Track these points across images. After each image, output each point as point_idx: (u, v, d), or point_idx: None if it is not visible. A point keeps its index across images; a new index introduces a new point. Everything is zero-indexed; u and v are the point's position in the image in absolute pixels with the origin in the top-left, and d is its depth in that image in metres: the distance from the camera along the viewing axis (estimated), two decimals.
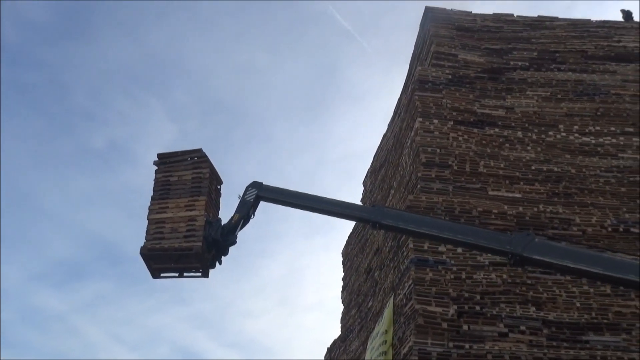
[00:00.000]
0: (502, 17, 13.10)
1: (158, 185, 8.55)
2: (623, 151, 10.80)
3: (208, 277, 8.33)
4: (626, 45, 12.68)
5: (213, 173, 8.67)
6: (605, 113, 11.39)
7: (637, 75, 12.10)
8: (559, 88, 11.77)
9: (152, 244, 8.09)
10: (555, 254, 6.55)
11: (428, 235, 7.46)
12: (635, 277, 6.04)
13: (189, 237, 7.98)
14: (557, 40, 12.66)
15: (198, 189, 8.35)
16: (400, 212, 8.29)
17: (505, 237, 6.97)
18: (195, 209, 8.16)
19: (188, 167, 8.57)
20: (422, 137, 10.60)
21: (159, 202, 8.38)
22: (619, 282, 6.47)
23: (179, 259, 8.09)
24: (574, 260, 6.40)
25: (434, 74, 11.69)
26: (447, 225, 7.49)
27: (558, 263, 6.49)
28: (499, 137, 10.85)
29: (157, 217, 8.25)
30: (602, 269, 6.22)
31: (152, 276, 8.42)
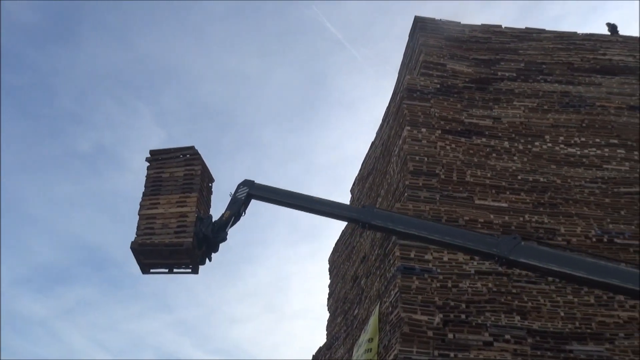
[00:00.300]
0: (491, 28, 13.24)
1: (150, 181, 8.54)
2: (607, 162, 10.93)
3: (198, 273, 8.36)
4: (611, 58, 12.87)
5: (205, 170, 8.69)
6: (591, 125, 11.53)
7: (622, 88, 12.28)
8: (546, 99, 11.90)
9: (142, 239, 8.07)
10: (541, 257, 6.66)
11: (416, 237, 7.49)
12: (618, 282, 6.19)
13: (179, 233, 8.00)
14: (544, 52, 12.81)
15: (190, 185, 8.36)
16: (389, 213, 8.35)
17: (493, 239, 7.06)
18: (187, 206, 8.17)
19: (180, 164, 8.57)
20: (410, 146, 10.65)
21: (150, 198, 8.37)
22: (602, 286, 6.60)
23: (169, 254, 8.09)
24: (558, 264, 6.52)
25: (423, 83, 11.77)
26: (435, 227, 7.53)
27: (543, 266, 6.61)
28: (486, 147, 10.93)
29: (148, 213, 8.23)
30: (586, 272, 6.35)
31: (142, 271, 8.40)
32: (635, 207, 10.25)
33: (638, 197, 10.43)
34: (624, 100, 12.02)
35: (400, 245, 9.27)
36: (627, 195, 10.46)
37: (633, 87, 12.31)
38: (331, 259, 15.74)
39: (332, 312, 14.27)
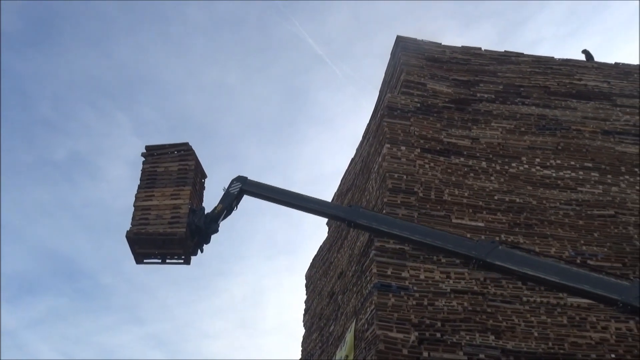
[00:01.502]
0: (471, 50, 13.48)
1: (145, 175, 8.90)
2: (582, 185, 11.14)
3: (190, 264, 8.67)
4: (587, 83, 13.18)
5: (198, 166, 9.05)
6: (566, 148, 11.76)
7: (596, 112, 12.57)
8: (523, 121, 12.12)
9: (137, 229, 8.41)
10: (517, 261, 6.94)
11: (399, 237, 7.79)
12: (589, 287, 6.46)
13: (173, 224, 8.34)
14: (522, 75, 13.07)
15: (184, 179, 8.74)
16: (374, 213, 8.59)
17: (471, 242, 7.38)
18: (180, 198, 8.54)
19: (175, 159, 8.96)
20: (389, 163, 10.71)
21: (145, 191, 8.72)
22: (573, 291, 6.86)
23: (162, 244, 8.41)
24: (533, 269, 6.80)
25: (403, 101, 11.89)
26: (417, 228, 7.82)
27: (518, 270, 6.88)
28: (464, 167, 11.05)
29: (143, 205, 8.59)
30: (559, 278, 6.64)
31: (135, 261, 8.71)
32: (608, 229, 10.44)
33: (611, 220, 10.63)
34: (599, 124, 12.31)
35: (378, 262, 9.28)
36: (600, 217, 10.65)
37: (607, 112, 12.62)
38: (308, 274, 15.67)
39: (307, 328, 14.17)
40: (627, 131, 12.26)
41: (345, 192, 14.48)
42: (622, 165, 11.61)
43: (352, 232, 12.35)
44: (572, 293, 7.30)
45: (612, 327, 8.99)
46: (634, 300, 6.23)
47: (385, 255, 9.37)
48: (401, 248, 9.47)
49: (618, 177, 11.37)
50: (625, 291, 6.36)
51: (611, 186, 11.19)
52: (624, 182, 11.30)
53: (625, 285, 6.47)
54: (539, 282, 7.10)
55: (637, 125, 12.39)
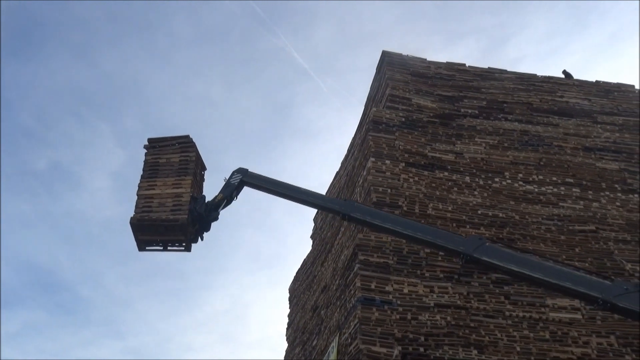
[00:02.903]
0: (455, 66, 13.64)
1: (147, 166, 9.28)
2: (564, 200, 11.27)
3: (190, 250, 9.00)
4: (568, 100, 13.40)
5: (198, 158, 9.45)
6: (548, 163, 11.90)
7: (577, 129, 12.77)
8: (506, 137, 12.26)
9: (141, 215, 8.76)
10: (502, 258, 7.19)
11: (391, 231, 8.08)
12: (570, 285, 6.66)
13: (175, 211, 8.70)
14: (505, 92, 13.25)
15: (185, 169, 9.14)
16: (369, 208, 8.85)
17: (460, 238, 7.68)
18: (182, 187, 8.93)
19: (176, 150, 9.35)
20: (374, 177, 10.74)
21: (148, 181, 9.10)
22: (555, 288, 7.05)
23: (165, 230, 8.74)
24: (518, 265, 7.04)
25: (388, 116, 11.96)
26: (409, 223, 8.12)
27: (504, 266, 7.12)
28: (448, 181, 11.13)
29: (145, 193, 8.97)
30: (542, 275, 6.87)
31: (138, 249, 9.01)
32: (589, 244, 10.55)
33: (592, 235, 10.76)
34: (580, 141, 12.49)
35: (361, 276, 9.26)
36: (581, 233, 10.77)
37: (588, 129, 12.82)
38: (291, 288, 15.58)
39: (290, 342, 14.05)
40: (608, 148, 12.46)
41: None
42: (602, 181, 11.78)
43: (335, 246, 12.33)
44: (555, 290, 7.49)
45: (593, 342, 9.05)
46: (614, 298, 6.39)
47: (369, 269, 9.36)
48: (385, 262, 9.47)
49: (599, 193, 11.53)
50: (606, 290, 6.53)
51: (592, 202, 11.34)
52: (604, 198, 11.46)
53: (606, 284, 6.64)
54: (524, 278, 7.29)
55: (617, 143, 12.61)
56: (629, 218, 11.15)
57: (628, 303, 6.33)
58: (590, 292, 6.59)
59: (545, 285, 7.15)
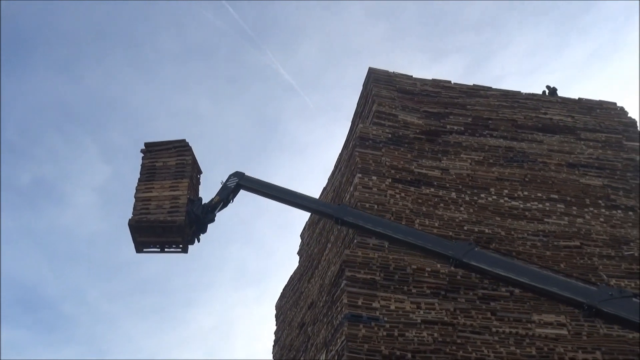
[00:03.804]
0: (441, 83, 13.78)
1: (144, 169, 9.47)
2: (548, 216, 11.36)
3: (187, 252, 9.15)
4: (552, 117, 13.58)
5: (194, 162, 9.64)
6: (533, 179, 12.02)
7: (561, 146, 12.93)
8: (491, 153, 12.37)
9: (139, 217, 8.93)
10: (490, 262, 7.37)
11: (382, 235, 8.29)
12: (557, 290, 6.84)
13: (172, 212, 8.89)
14: (490, 109, 13.39)
15: (182, 172, 9.32)
16: (361, 212, 9.05)
17: (450, 243, 7.92)
18: (179, 189, 9.12)
19: (172, 154, 9.55)
20: (360, 193, 10.76)
21: (145, 184, 9.29)
22: (542, 293, 7.21)
23: (162, 232, 8.91)
24: (505, 270, 7.22)
25: (375, 132, 12.03)
26: (400, 227, 8.37)
27: (491, 270, 7.30)
28: (434, 197, 11.18)
29: (143, 196, 9.14)
30: (529, 279, 7.05)
31: (136, 250, 9.17)
32: (574, 260, 10.63)
33: (577, 251, 10.84)
34: (564, 157, 12.65)
35: (348, 292, 9.23)
36: (566, 248, 10.86)
37: (572, 145, 12.99)
38: (278, 304, 15.47)
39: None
40: (591, 164, 12.62)
41: (317, 221, 14.45)
42: (586, 197, 11.91)
43: (322, 262, 12.30)
44: (542, 295, 7.60)
45: (579, 358, 9.08)
46: (599, 303, 6.52)
47: (356, 285, 9.33)
48: (372, 278, 9.45)
49: (583, 209, 11.65)
50: (591, 295, 6.66)
51: (576, 218, 11.45)
52: (588, 214, 11.58)
53: (592, 289, 6.78)
54: (511, 282, 7.43)
55: (600, 159, 12.78)
56: (612, 234, 11.27)
57: (613, 309, 6.48)
58: (576, 297, 6.74)
59: (532, 289, 7.30)
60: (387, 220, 9.09)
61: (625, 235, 11.29)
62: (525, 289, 7.82)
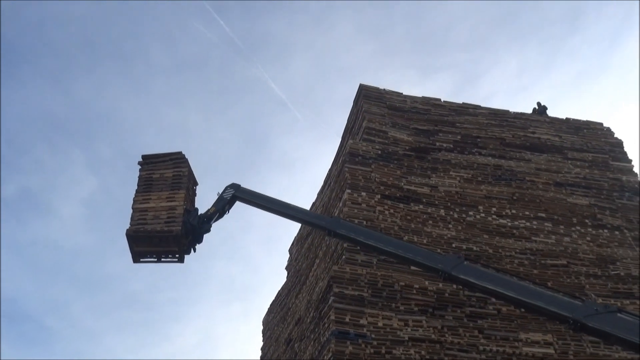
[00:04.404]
0: (431, 101, 13.89)
1: (142, 181, 9.67)
2: (536, 235, 11.42)
3: (183, 262, 9.32)
4: (540, 137, 13.72)
5: (191, 173, 9.84)
6: (521, 198, 12.09)
7: (549, 165, 13.05)
8: (480, 171, 12.45)
9: (136, 227, 9.10)
10: (479, 276, 7.50)
11: (374, 248, 8.43)
12: (543, 304, 6.96)
13: (169, 222, 9.06)
14: (478, 127, 13.51)
15: (178, 184, 9.53)
16: (353, 225, 9.18)
17: (440, 256, 8.07)
18: (175, 200, 9.30)
19: (169, 166, 9.77)
20: (349, 209, 10.76)
21: (143, 195, 9.48)
22: (528, 307, 7.33)
23: (159, 242, 9.10)
24: (493, 283, 7.35)
25: (365, 148, 12.07)
26: (392, 241, 8.50)
27: (479, 284, 7.44)
28: (423, 214, 11.20)
29: (141, 207, 9.33)
30: (516, 293, 7.17)
31: (133, 260, 9.34)
32: (561, 279, 10.67)
33: (563, 270, 10.89)
34: (551, 176, 12.75)
35: (336, 308, 9.18)
36: (553, 267, 10.90)
37: (559, 164, 13.12)
38: (265, 320, 15.35)
39: None
40: (578, 184, 12.74)
41: (305, 236, 14.41)
42: (573, 216, 11.99)
43: (310, 278, 12.24)
44: (528, 309, 7.68)
45: None
46: (584, 318, 6.63)
47: (343, 302, 9.29)
48: (360, 294, 9.42)
49: (570, 228, 11.73)
50: (577, 310, 6.78)
51: (563, 236, 11.52)
52: (575, 233, 11.65)
53: (577, 304, 6.90)
54: (498, 296, 7.54)
55: (587, 178, 12.91)
56: (599, 253, 11.35)
57: (597, 323, 6.59)
58: (562, 311, 6.85)
59: (519, 303, 7.42)
60: (379, 233, 9.26)
61: (611, 255, 11.37)
62: (513, 303, 7.93)
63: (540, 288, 7.44)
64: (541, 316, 8.62)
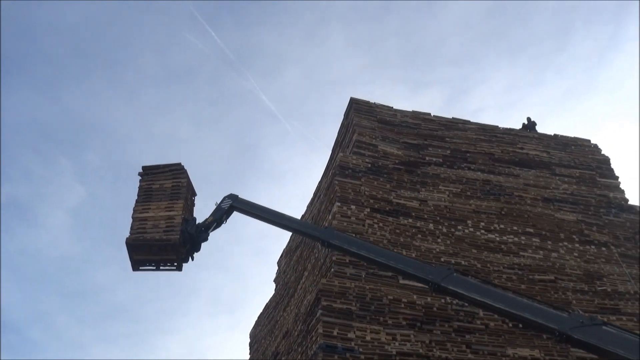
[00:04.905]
0: (421, 115, 13.98)
1: (142, 191, 9.91)
2: (524, 250, 11.47)
3: (182, 270, 9.54)
4: (528, 152, 13.84)
5: (189, 184, 10.06)
6: (509, 213, 12.16)
7: (537, 180, 13.15)
8: (469, 186, 12.52)
9: (136, 236, 9.31)
10: (468, 287, 7.60)
11: (366, 258, 8.57)
12: (530, 316, 7.07)
13: (168, 231, 9.27)
14: (468, 142, 13.60)
15: (177, 194, 9.75)
16: (346, 236, 9.35)
17: (430, 268, 8.18)
18: (174, 210, 9.52)
19: (168, 177, 10.02)
20: (339, 222, 10.76)
21: (142, 205, 9.70)
22: (516, 318, 7.44)
23: (158, 250, 9.30)
24: (482, 295, 7.46)
25: (355, 161, 12.10)
26: (383, 252, 8.63)
27: (468, 295, 7.54)
28: (412, 228, 11.22)
29: (140, 216, 9.53)
30: (504, 305, 7.27)
31: (132, 268, 9.54)
32: (548, 294, 10.71)
33: (551, 285, 10.94)
34: (539, 192, 12.85)
35: (324, 322, 9.13)
36: (541, 282, 10.95)
37: (547, 180, 13.23)
38: (252, 332, 15.23)
39: None
40: (566, 199, 12.84)
41: (294, 248, 14.37)
42: (561, 232, 12.08)
43: (299, 291, 12.19)
44: (516, 321, 7.83)
45: None
46: (569, 330, 6.73)
47: (332, 315, 9.25)
48: (348, 308, 9.38)
49: (557, 243, 11.80)
50: (563, 322, 6.88)
51: (551, 252, 11.58)
52: (562, 249, 11.73)
53: (563, 316, 7.00)
54: (486, 307, 7.63)
55: (575, 194, 13.02)
56: (586, 269, 11.42)
57: (582, 336, 6.68)
58: (548, 323, 6.94)
59: (506, 315, 7.51)
60: (371, 244, 9.38)
61: (598, 271, 11.45)
62: (501, 315, 8.00)
63: (528, 300, 7.52)
64: (528, 327, 8.73)
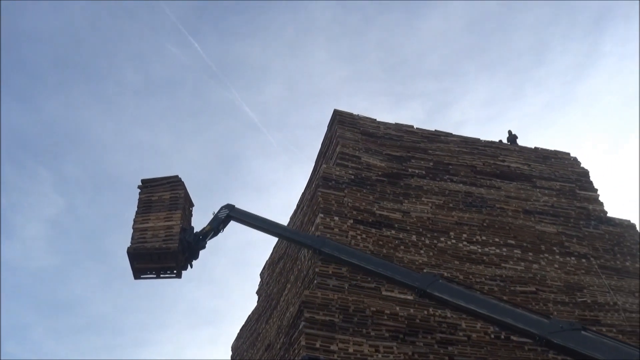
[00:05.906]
0: (403, 127, 14.08)
1: (141, 203, 10.31)
2: (505, 261, 11.56)
3: (181, 277, 9.96)
4: (509, 165, 14.00)
5: (187, 195, 10.43)
6: (491, 225, 12.26)
7: (518, 193, 13.29)
8: (451, 197, 12.60)
9: (137, 246, 9.69)
10: (453, 294, 7.80)
11: (356, 266, 8.83)
12: (511, 321, 7.28)
13: (167, 240, 9.67)
14: (450, 154, 13.72)
15: (175, 205, 10.14)
16: (337, 244, 9.57)
17: (417, 275, 8.45)
18: (173, 220, 9.90)
19: (167, 189, 10.40)
20: (322, 233, 10.74)
21: (142, 216, 10.10)
22: (499, 324, 7.64)
23: (158, 258, 9.69)
24: (466, 301, 7.65)
25: (338, 173, 12.13)
26: (372, 259, 8.88)
27: (453, 301, 7.74)
28: (394, 239, 11.25)
29: (140, 227, 9.93)
30: (487, 311, 7.47)
31: (134, 277, 9.92)
32: (530, 305, 10.77)
33: (532, 296, 11.02)
34: (520, 204, 12.99)
35: (307, 334, 9.08)
36: (522, 294, 11.02)
37: (528, 192, 13.38)
38: (234, 345, 15.08)
39: None
40: (546, 212, 12.99)
41: (277, 260, 14.30)
42: (542, 243, 12.20)
43: (281, 303, 12.11)
44: (499, 326, 8.01)
45: None
46: (549, 335, 6.92)
47: (314, 327, 9.20)
48: (331, 320, 9.35)
49: (538, 255, 11.92)
50: (543, 327, 7.06)
51: (532, 263, 11.68)
52: (543, 260, 11.84)
53: (544, 321, 7.18)
54: (470, 313, 7.80)
55: (555, 207, 13.18)
56: (566, 280, 11.54)
57: (562, 340, 6.85)
58: (529, 328, 7.12)
59: (489, 320, 7.68)
60: (362, 252, 9.66)
61: (578, 282, 11.57)
62: (484, 320, 8.16)
63: (510, 306, 7.72)
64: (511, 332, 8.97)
